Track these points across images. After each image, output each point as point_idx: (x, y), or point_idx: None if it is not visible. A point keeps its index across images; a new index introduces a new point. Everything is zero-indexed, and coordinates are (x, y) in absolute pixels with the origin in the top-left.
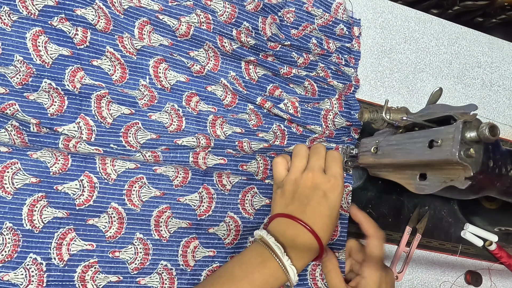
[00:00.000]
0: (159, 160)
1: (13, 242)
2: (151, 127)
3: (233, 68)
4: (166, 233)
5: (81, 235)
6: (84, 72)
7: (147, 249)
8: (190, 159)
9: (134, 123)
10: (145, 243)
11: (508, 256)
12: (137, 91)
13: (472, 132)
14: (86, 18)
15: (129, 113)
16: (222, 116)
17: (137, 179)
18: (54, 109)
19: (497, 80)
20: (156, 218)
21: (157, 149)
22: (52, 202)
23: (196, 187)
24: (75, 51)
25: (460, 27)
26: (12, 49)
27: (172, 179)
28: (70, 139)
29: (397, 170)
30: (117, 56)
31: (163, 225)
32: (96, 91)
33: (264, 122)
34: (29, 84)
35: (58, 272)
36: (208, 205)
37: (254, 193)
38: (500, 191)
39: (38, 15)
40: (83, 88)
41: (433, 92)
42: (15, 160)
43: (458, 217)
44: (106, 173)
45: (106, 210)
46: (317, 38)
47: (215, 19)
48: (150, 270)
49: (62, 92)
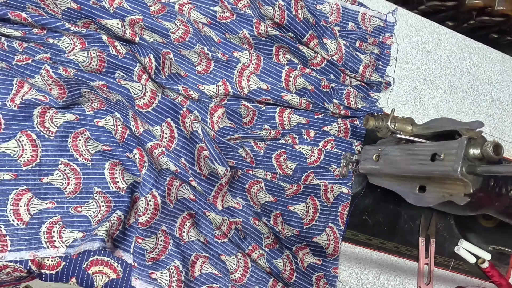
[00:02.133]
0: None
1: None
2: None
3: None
4: (123, 185)
5: (38, 195)
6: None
7: (108, 201)
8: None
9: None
10: (105, 196)
11: (500, 276)
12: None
13: (476, 149)
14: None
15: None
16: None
17: (79, 132)
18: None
19: (506, 98)
20: (111, 171)
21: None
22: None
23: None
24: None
25: (474, 42)
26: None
27: (114, 134)
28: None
29: (397, 179)
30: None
31: (119, 177)
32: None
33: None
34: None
35: (21, 233)
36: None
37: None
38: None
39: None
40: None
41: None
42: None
43: (453, 232)
44: (45, 127)
45: (58, 167)
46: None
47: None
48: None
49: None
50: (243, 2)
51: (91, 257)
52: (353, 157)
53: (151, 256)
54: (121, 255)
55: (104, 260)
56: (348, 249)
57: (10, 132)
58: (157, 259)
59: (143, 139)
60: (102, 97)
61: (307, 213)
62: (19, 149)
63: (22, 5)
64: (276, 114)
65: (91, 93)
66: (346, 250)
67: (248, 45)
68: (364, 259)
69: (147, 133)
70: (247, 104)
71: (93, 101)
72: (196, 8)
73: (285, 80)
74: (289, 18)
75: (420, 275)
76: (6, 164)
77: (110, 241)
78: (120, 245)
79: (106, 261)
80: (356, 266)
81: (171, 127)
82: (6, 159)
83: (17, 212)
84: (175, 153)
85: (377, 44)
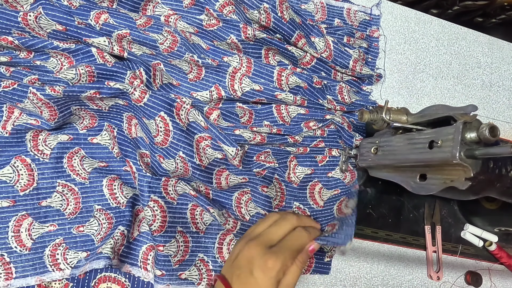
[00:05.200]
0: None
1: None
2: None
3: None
4: (123, 199)
5: (38, 219)
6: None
7: (109, 218)
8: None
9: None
10: (106, 213)
11: (508, 257)
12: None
13: (472, 132)
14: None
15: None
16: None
17: (73, 152)
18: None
19: (497, 80)
20: (109, 187)
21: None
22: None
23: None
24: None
25: (460, 28)
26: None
27: (111, 148)
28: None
29: (397, 170)
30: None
31: (118, 192)
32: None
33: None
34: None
35: (25, 259)
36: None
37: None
38: (500, 192)
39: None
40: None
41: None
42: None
43: (458, 217)
44: (38, 150)
45: (55, 189)
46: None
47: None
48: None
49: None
50: (228, 8)
51: (98, 274)
52: (351, 151)
53: (177, 259)
54: (129, 269)
55: (112, 277)
56: (356, 244)
57: (4, 159)
58: (182, 260)
59: (137, 144)
60: (93, 110)
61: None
62: (14, 175)
63: (8, 30)
64: (273, 109)
65: (81, 109)
66: (354, 245)
67: (237, 50)
68: (372, 252)
69: (141, 138)
70: (242, 106)
71: (83, 117)
72: (182, 18)
73: (278, 79)
74: (275, 20)
75: (429, 263)
76: (3, 191)
77: (116, 258)
78: (127, 260)
79: (113, 277)
80: (365, 261)
81: (165, 120)
82: (2, 186)
83: (19, 238)
84: (173, 147)
85: (365, 38)
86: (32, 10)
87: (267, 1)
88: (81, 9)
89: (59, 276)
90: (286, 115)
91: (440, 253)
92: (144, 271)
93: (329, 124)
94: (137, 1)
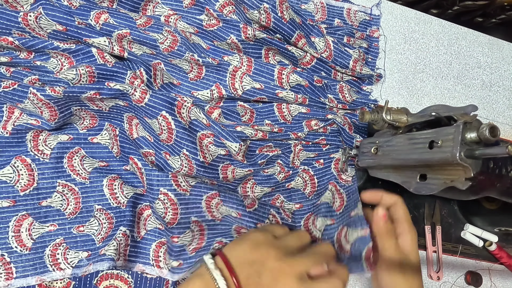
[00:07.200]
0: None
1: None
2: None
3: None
4: (123, 199)
5: (39, 219)
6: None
7: (110, 218)
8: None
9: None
10: (106, 213)
11: (508, 257)
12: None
13: (473, 133)
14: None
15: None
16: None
17: (73, 152)
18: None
19: (497, 80)
20: (110, 186)
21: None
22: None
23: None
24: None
25: (460, 28)
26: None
27: (110, 148)
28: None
29: (397, 170)
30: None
31: (118, 191)
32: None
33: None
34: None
35: (25, 259)
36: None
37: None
38: (500, 192)
39: None
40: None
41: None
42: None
43: (458, 217)
44: (39, 150)
45: (56, 189)
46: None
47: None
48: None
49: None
50: (228, 8)
51: (101, 272)
52: (351, 152)
53: (193, 247)
54: (142, 269)
55: (114, 273)
56: None
57: (5, 159)
58: (198, 247)
59: (139, 144)
60: (94, 110)
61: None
62: (14, 175)
63: (8, 31)
64: (274, 107)
65: (82, 110)
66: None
67: (237, 50)
68: None
69: (144, 137)
70: (243, 104)
71: (84, 118)
72: (182, 18)
73: (278, 78)
74: (275, 20)
75: (429, 263)
76: (3, 191)
77: (121, 259)
78: (138, 260)
79: (116, 273)
80: None
81: (167, 119)
82: (2, 186)
83: (19, 238)
84: (177, 144)
85: (365, 38)
86: (32, 10)
87: (267, 1)
88: (81, 9)
89: (60, 275)
90: (287, 114)
91: (440, 253)
92: (157, 269)
93: (331, 124)
94: (137, 1)
